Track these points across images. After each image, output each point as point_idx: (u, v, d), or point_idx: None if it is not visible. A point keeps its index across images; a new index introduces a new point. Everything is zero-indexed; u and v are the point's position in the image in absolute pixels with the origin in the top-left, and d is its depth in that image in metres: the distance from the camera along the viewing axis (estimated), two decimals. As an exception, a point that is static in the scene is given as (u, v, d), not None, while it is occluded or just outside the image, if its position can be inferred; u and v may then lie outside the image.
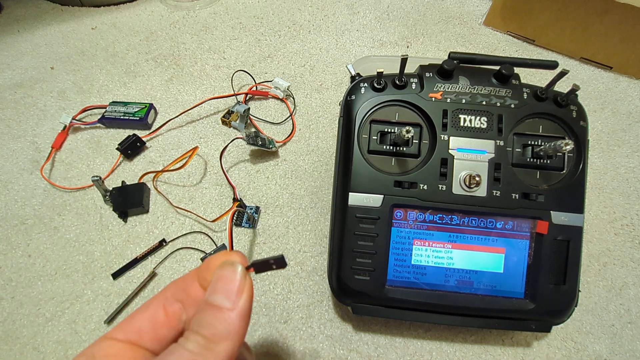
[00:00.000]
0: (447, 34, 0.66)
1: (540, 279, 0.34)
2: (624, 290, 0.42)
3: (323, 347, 0.38)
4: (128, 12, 0.69)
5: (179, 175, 0.49)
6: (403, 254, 0.35)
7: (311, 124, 0.54)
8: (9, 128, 0.54)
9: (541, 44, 0.64)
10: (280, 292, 0.41)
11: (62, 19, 0.68)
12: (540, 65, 0.37)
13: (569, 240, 0.34)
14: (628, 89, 0.59)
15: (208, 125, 0.54)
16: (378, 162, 0.35)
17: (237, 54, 0.62)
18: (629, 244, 0.45)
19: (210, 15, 0.69)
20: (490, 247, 0.35)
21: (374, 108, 0.36)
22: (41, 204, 0.47)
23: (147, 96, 0.57)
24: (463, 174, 0.34)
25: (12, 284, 0.42)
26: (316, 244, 0.45)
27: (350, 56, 0.62)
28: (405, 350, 0.38)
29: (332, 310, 0.41)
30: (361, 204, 0.35)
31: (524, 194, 0.34)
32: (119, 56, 0.62)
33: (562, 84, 0.36)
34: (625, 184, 0.50)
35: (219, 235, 0.45)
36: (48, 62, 0.61)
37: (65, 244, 0.44)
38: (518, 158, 0.35)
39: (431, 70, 0.36)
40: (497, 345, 0.39)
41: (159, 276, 0.42)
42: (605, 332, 0.40)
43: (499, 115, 0.35)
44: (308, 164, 0.51)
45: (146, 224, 0.46)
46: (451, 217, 0.35)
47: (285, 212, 0.47)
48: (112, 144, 0.52)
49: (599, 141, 0.53)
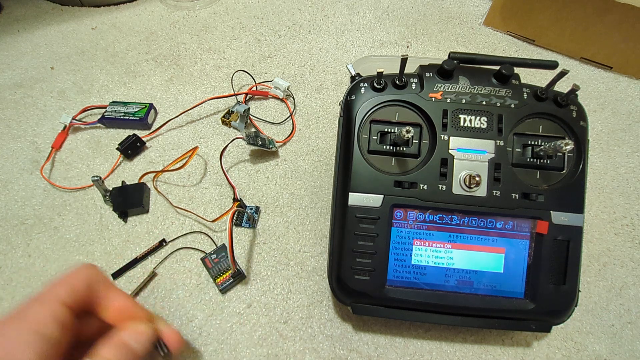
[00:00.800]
0: (447, 34, 0.66)
1: (540, 279, 0.34)
2: (624, 290, 0.42)
3: (323, 347, 0.38)
4: (128, 12, 0.69)
5: (179, 175, 0.49)
6: (403, 254, 0.35)
7: (311, 124, 0.54)
8: (9, 128, 0.54)
9: (541, 44, 0.64)
10: (280, 292, 0.41)
11: (62, 19, 0.68)
12: (540, 65, 0.37)
13: (569, 240, 0.34)
14: (628, 89, 0.59)
15: (208, 125, 0.54)
16: (378, 162, 0.35)
17: (237, 54, 0.62)
18: (629, 244, 0.45)
19: (210, 15, 0.69)
20: (490, 247, 0.35)
21: (374, 108, 0.36)
22: (41, 204, 0.47)
23: (147, 96, 0.57)
24: (463, 174, 0.34)
25: (12, 284, 0.42)
26: (316, 244, 0.45)
27: (350, 56, 0.62)
28: (405, 350, 0.38)
29: (332, 310, 0.41)
30: (361, 204, 0.35)
31: (524, 194, 0.34)
32: (119, 56, 0.62)
33: (562, 84, 0.36)
34: (625, 184, 0.50)
35: (219, 235, 0.45)
36: (48, 62, 0.61)
37: (65, 244, 0.44)
38: (518, 158, 0.35)
39: (431, 70, 0.36)
40: (497, 345, 0.39)
41: (159, 276, 0.42)
42: (605, 332, 0.40)
43: (499, 115, 0.35)
44: (308, 164, 0.51)
45: (146, 224, 0.46)
46: (451, 217, 0.35)
47: (285, 212, 0.47)
48: (112, 144, 0.52)
49: (599, 141, 0.53)
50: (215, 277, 0.41)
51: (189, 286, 0.42)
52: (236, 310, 0.40)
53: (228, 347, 0.38)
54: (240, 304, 0.41)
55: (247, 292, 0.41)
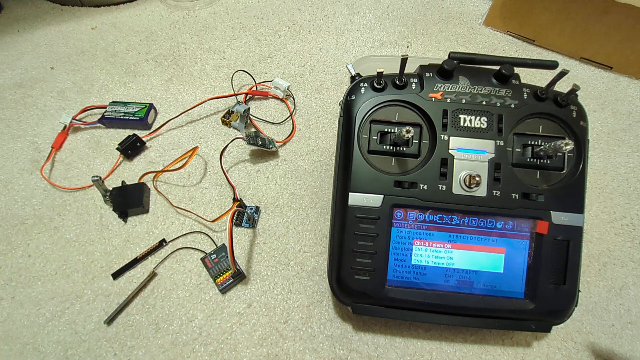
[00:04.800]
0: (447, 34, 0.66)
1: (540, 279, 0.34)
2: (624, 290, 0.42)
3: (323, 347, 0.38)
4: (128, 12, 0.69)
5: (179, 175, 0.49)
6: (403, 254, 0.35)
7: (311, 124, 0.54)
8: (9, 128, 0.54)
9: (541, 44, 0.64)
10: (280, 292, 0.41)
11: (62, 19, 0.68)
12: (540, 65, 0.37)
13: (569, 240, 0.34)
14: (628, 89, 0.59)
15: (208, 125, 0.54)
16: (378, 162, 0.35)
17: (237, 54, 0.62)
18: (629, 244, 0.45)
19: (210, 15, 0.69)
20: (490, 247, 0.35)
21: (374, 108, 0.36)
22: (41, 204, 0.47)
23: (147, 96, 0.57)
24: (463, 174, 0.34)
25: (12, 284, 0.42)
26: (316, 244, 0.45)
27: (350, 56, 0.62)
28: (405, 350, 0.38)
29: (332, 310, 0.41)
30: (361, 204, 0.35)
31: (524, 194, 0.34)
32: (119, 56, 0.62)
33: (562, 84, 0.36)
34: (625, 184, 0.50)
35: (219, 235, 0.45)
36: (48, 62, 0.61)
37: (65, 244, 0.44)
38: (518, 158, 0.35)
39: (431, 70, 0.36)
40: (497, 345, 0.39)
41: (159, 276, 0.42)
42: (605, 332, 0.40)
43: (499, 115, 0.35)
44: (308, 164, 0.51)
45: (146, 224, 0.46)
46: (451, 217, 0.35)
47: (285, 212, 0.47)
48: (112, 144, 0.52)
49: (599, 141, 0.53)
50: (215, 277, 0.41)
51: (189, 286, 0.42)
52: (236, 310, 0.40)
53: (228, 347, 0.38)
54: (240, 304, 0.41)
55: (247, 292, 0.41)
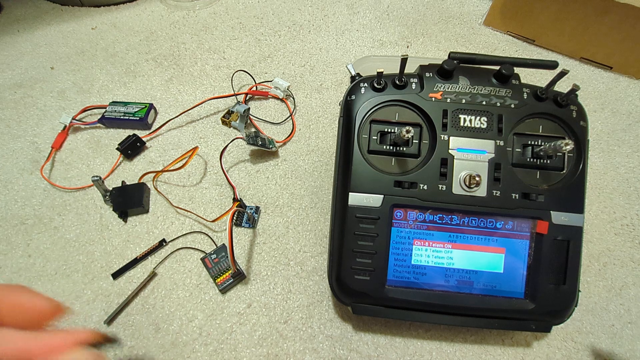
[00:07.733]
0: (447, 34, 0.66)
1: (540, 279, 0.34)
2: (624, 290, 0.42)
3: (323, 347, 0.38)
4: (128, 12, 0.69)
5: (179, 175, 0.49)
6: (403, 254, 0.35)
7: (311, 124, 0.54)
8: (9, 128, 0.54)
9: (541, 44, 0.64)
10: (280, 292, 0.41)
11: (62, 19, 0.68)
12: (540, 65, 0.37)
13: (569, 240, 0.34)
14: (628, 89, 0.59)
15: (208, 125, 0.54)
16: (378, 162, 0.35)
17: (237, 54, 0.62)
18: (629, 244, 0.45)
19: (210, 15, 0.69)
20: (490, 247, 0.35)
21: (374, 108, 0.36)
22: (41, 204, 0.47)
23: (147, 96, 0.57)
24: (463, 174, 0.34)
25: (12, 283, 0.42)
26: (316, 244, 0.45)
27: (350, 56, 0.62)
28: (405, 350, 0.38)
29: (332, 310, 0.41)
30: (361, 204, 0.35)
31: (524, 194, 0.34)
32: (119, 56, 0.62)
33: (562, 84, 0.36)
34: (625, 184, 0.50)
35: (219, 235, 0.45)
36: (48, 62, 0.61)
37: (65, 244, 0.44)
38: (518, 158, 0.35)
39: (431, 70, 0.36)
40: (497, 345, 0.39)
41: (159, 276, 0.42)
42: (605, 332, 0.40)
43: (499, 115, 0.35)
44: (308, 164, 0.51)
45: (146, 224, 0.46)
46: (451, 217, 0.35)
47: (285, 212, 0.47)
48: (112, 144, 0.52)
49: (599, 141, 0.53)
50: (215, 277, 0.41)
51: (189, 286, 0.42)
52: (236, 310, 0.40)
53: (228, 347, 0.38)
54: (240, 304, 0.41)
55: (247, 292, 0.41)
